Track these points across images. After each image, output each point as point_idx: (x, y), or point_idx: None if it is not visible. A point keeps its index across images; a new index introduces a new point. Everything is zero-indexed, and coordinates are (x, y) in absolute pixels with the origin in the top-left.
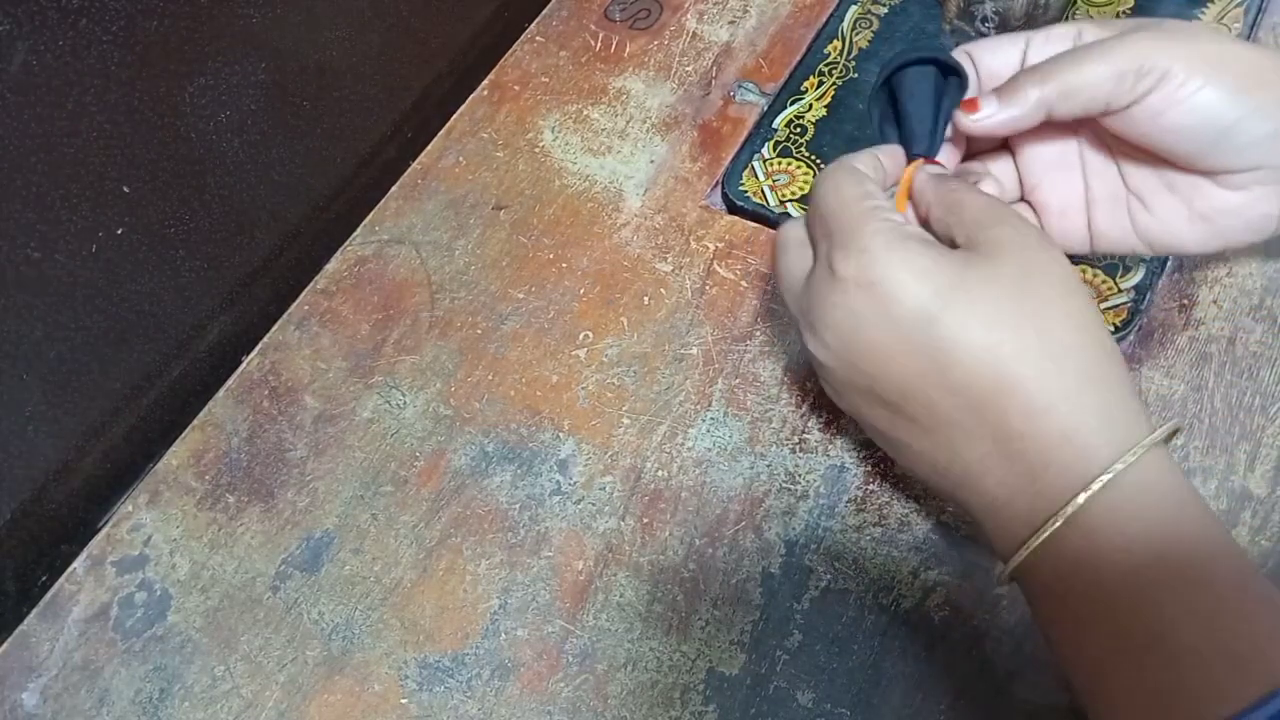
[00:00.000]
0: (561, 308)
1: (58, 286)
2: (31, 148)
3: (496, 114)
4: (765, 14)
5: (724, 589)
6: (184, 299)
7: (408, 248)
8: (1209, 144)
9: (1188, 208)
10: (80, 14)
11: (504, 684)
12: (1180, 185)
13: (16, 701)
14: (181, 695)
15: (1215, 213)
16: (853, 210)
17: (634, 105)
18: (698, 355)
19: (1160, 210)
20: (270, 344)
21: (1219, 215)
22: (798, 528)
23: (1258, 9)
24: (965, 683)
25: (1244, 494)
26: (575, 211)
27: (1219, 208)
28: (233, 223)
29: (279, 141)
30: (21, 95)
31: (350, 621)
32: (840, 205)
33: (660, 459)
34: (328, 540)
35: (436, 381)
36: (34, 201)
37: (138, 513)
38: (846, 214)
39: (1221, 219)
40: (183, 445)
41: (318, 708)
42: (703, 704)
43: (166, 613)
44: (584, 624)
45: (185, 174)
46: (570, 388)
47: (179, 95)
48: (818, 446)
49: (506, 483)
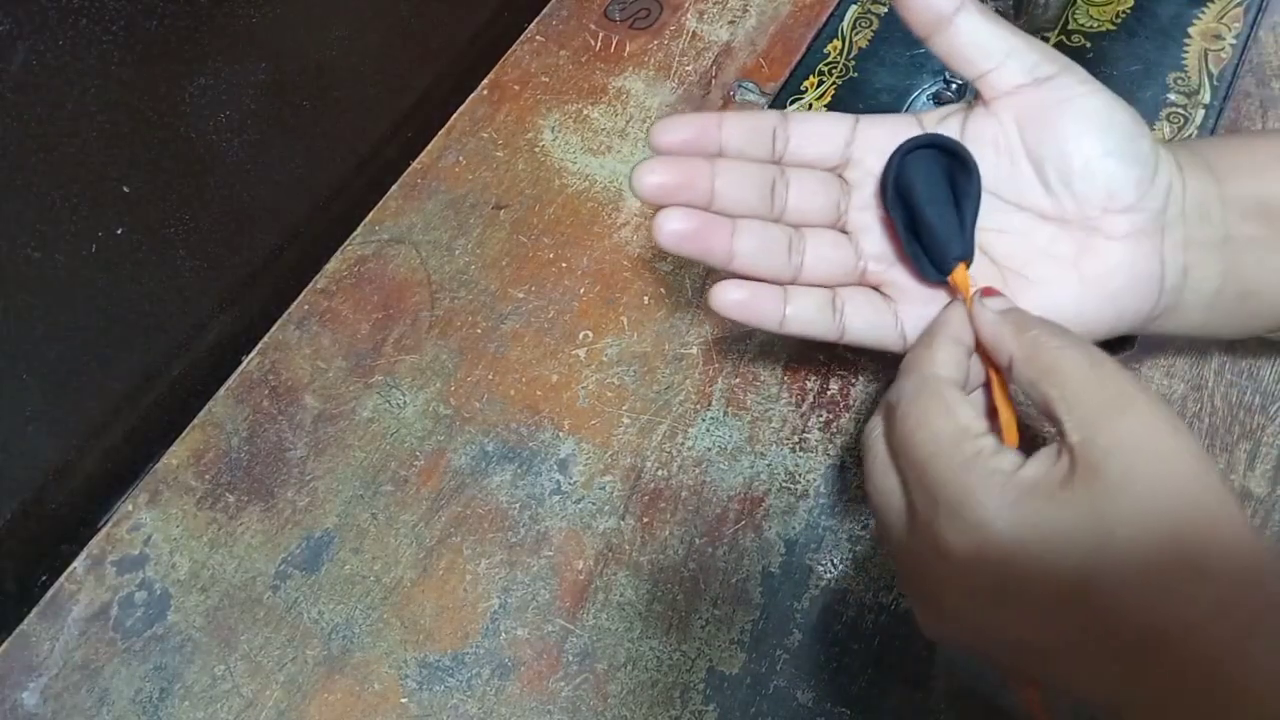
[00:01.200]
0: (561, 307)
1: (58, 286)
2: (31, 148)
3: (496, 114)
4: (765, 13)
5: (724, 588)
6: (184, 299)
7: (408, 247)
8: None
9: (1076, 271)
10: (80, 14)
11: (504, 683)
12: (1062, 247)
13: (16, 701)
14: (181, 695)
15: (1105, 273)
16: (954, 463)
17: (634, 105)
18: (698, 355)
19: (1048, 281)
20: (270, 344)
21: (1108, 276)
22: (798, 527)
23: (1258, 9)
24: (965, 683)
25: (1244, 494)
26: (575, 211)
27: (1107, 265)
28: (233, 223)
29: (279, 141)
30: (21, 95)
31: (350, 621)
32: (936, 456)
33: (660, 458)
34: (328, 540)
35: (436, 381)
36: (34, 201)
37: (138, 512)
38: (947, 471)
39: (1111, 280)
40: (183, 445)
41: (318, 707)
42: (703, 703)
43: (166, 612)
44: (584, 623)
45: (185, 174)
46: (570, 387)
47: (179, 95)
48: (818, 446)
49: (506, 482)
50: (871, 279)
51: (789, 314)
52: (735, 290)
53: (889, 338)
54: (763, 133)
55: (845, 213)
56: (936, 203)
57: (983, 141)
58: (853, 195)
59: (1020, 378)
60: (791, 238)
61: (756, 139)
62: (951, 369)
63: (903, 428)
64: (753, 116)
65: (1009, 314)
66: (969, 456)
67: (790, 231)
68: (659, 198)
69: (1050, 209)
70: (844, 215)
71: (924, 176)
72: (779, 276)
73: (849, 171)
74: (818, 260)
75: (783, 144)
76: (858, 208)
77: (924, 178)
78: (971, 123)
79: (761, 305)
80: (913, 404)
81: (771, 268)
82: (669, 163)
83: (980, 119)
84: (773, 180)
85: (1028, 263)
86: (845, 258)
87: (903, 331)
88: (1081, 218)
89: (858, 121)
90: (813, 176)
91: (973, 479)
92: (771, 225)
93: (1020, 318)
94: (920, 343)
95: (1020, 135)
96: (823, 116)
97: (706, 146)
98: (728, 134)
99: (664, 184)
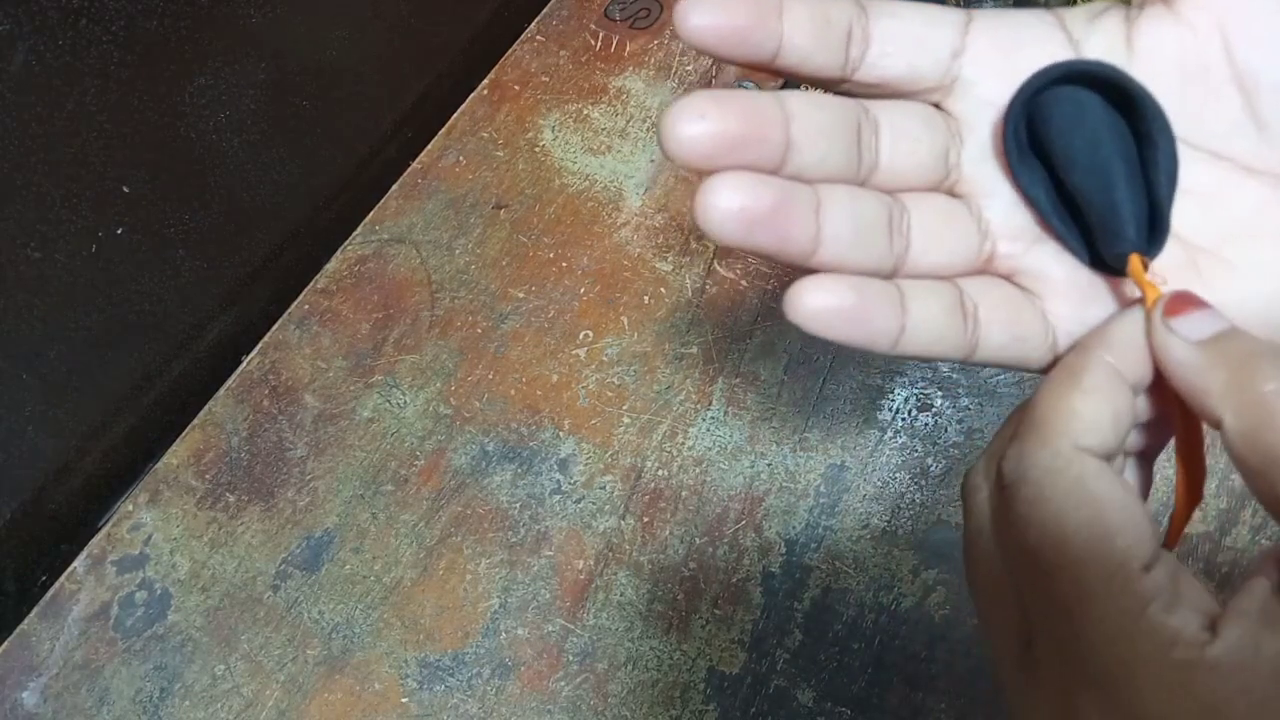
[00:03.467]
0: (562, 307)
1: (58, 286)
2: (31, 148)
3: (496, 113)
4: None
5: (724, 588)
6: (184, 299)
7: (408, 247)
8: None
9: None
10: (80, 14)
11: (504, 683)
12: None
13: (17, 701)
14: (182, 694)
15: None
16: (1107, 613)
17: (634, 104)
18: (698, 354)
19: (1255, 266)
20: (270, 343)
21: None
22: (798, 527)
23: None
24: (965, 683)
25: (1244, 493)
26: (575, 211)
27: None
28: (233, 223)
29: (279, 141)
30: (21, 95)
31: (350, 620)
32: (1082, 599)
33: (660, 458)
34: (328, 539)
35: (437, 381)
36: (34, 201)
37: (138, 512)
38: (1098, 623)
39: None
40: (183, 445)
41: (318, 707)
42: (703, 703)
43: (167, 612)
44: (584, 623)
45: (185, 174)
46: (570, 387)
47: (179, 95)
48: (818, 446)
49: (507, 482)
50: (1002, 265)
51: (910, 323)
52: (835, 292)
53: (1036, 350)
54: (836, 29)
55: (957, 166)
56: (1098, 162)
57: (1161, 56)
58: (966, 140)
59: (1238, 451)
60: (892, 210)
61: (829, 39)
62: (1105, 432)
63: (1025, 530)
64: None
65: (1218, 345)
66: (1131, 608)
67: (888, 201)
68: (713, 156)
69: (1262, 159)
70: (955, 170)
71: (1075, 123)
72: (879, 270)
73: (954, 101)
74: (928, 242)
75: (859, 50)
76: (973, 159)
77: (1075, 125)
78: (1142, 29)
79: (875, 314)
80: (1043, 499)
81: (872, 258)
82: (724, 101)
83: (1155, 23)
84: (858, 122)
85: (1225, 238)
86: (965, 236)
87: (1054, 342)
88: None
89: (970, 21)
90: (911, 114)
91: (1136, 650)
92: (863, 194)
93: (1239, 353)
94: (1058, 380)
95: (1224, 46)
96: (920, 9)
97: (763, 43)
98: (793, 25)
99: (722, 134)
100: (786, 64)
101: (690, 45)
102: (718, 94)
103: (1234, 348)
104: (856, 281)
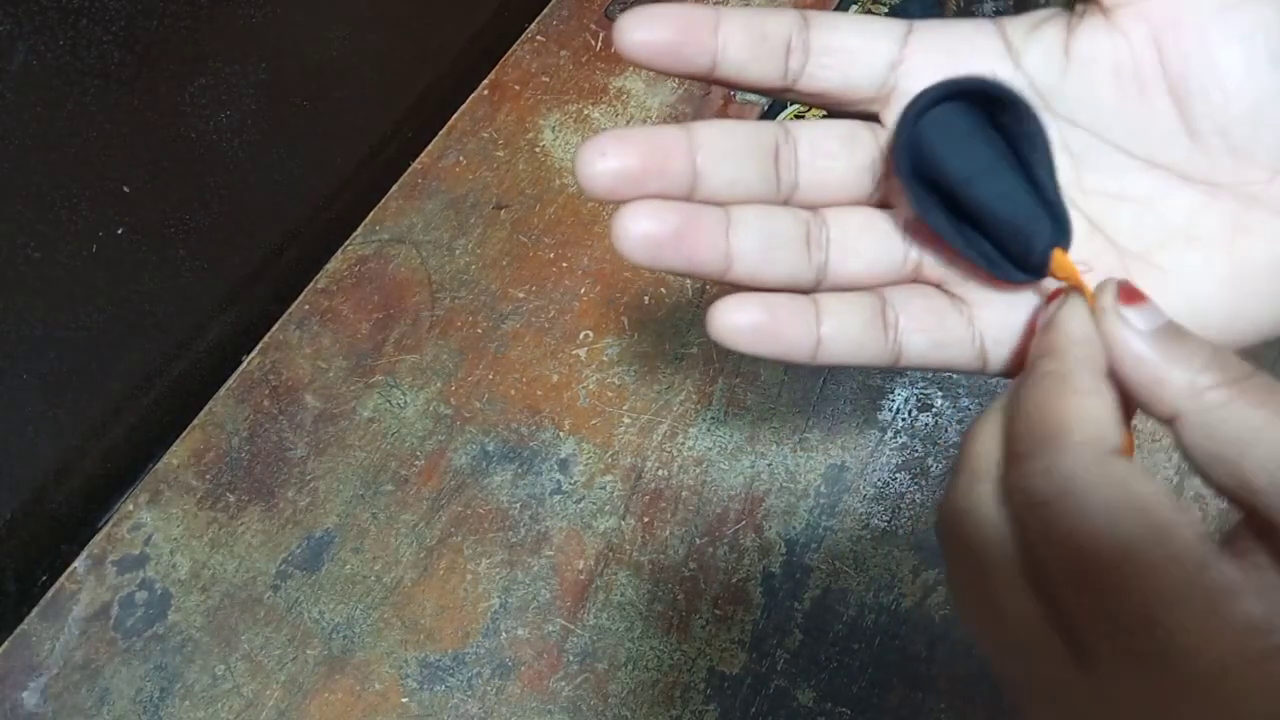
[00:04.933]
0: (562, 307)
1: (58, 286)
2: (31, 148)
3: (497, 114)
4: None
5: (724, 588)
6: (184, 299)
7: (408, 247)
8: None
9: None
10: (80, 14)
11: (504, 683)
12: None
13: (17, 701)
14: (182, 694)
15: (1271, 262)
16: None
17: (634, 105)
18: (698, 355)
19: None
20: (270, 343)
21: (1275, 267)
22: (798, 527)
23: None
24: (965, 683)
25: None
26: (576, 211)
27: (1273, 251)
28: (233, 223)
29: (279, 141)
30: (21, 95)
31: (351, 620)
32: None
33: (661, 458)
34: (328, 539)
35: (437, 381)
36: (34, 201)
37: (138, 512)
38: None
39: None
40: (183, 445)
41: (318, 707)
42: (703, 703)
43: (167, 612)
44: (584, 623)
45: (185, 174)
46: (571, 387)
47: (179, 95)
48: (818, 446)
49: (507, 482)
50: (931, 274)
51: (825, 335)
52: (746, 309)
53: (962, 356)
54: (773, 42)
55: (884, 179)
56: (990, 174)
57: (1097, 64)
58: None
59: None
60: (809, 225)
61: (765, 52)
62: (1115, 430)
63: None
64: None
65: (1166, 337)
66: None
67: (806, 216)
68: (616, 190)
69: (1195, 166)
70: (881, 183)
71: (959, 142)
72: (796, 282)
73: (892, 112)
74: (846, 254)
75: (799, 62)
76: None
77: (959, 143)
78: (1080, 37)
79: (786, 328)
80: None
81: (785, 271)
82: (625, 138)
83: (1093, 32)
84: (774, 143)
85: (1158, 244)
86: (888, 247)
87: (981, 346)
88: (1240, 181)
89: (910, 32)
90: (832, 133)
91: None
92: (777, 211)
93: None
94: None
95: (1158, 55)
96: (860, 22)
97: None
98: (727, 39)
99: (622, 169)
100: (725, 75)
101: (629, 61)
102: (621, 133)
103: (1178, 341)
104: (769, 299)
